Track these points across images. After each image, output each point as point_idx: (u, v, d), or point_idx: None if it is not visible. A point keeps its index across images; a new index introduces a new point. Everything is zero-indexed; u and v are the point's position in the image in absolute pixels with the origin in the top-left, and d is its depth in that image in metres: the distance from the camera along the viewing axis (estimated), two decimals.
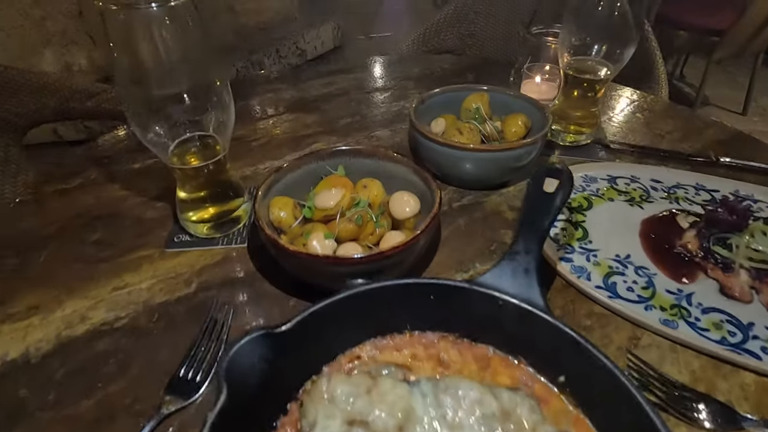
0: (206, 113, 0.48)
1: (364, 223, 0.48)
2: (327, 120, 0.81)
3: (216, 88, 0.47)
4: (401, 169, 0.53)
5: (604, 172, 0.64)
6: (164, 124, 0.46)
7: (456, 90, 0.68)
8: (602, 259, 0.50)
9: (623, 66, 0.66)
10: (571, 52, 0.67)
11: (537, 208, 0.40)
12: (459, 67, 1.02)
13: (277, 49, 3.30)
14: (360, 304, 0.35)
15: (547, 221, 0.39)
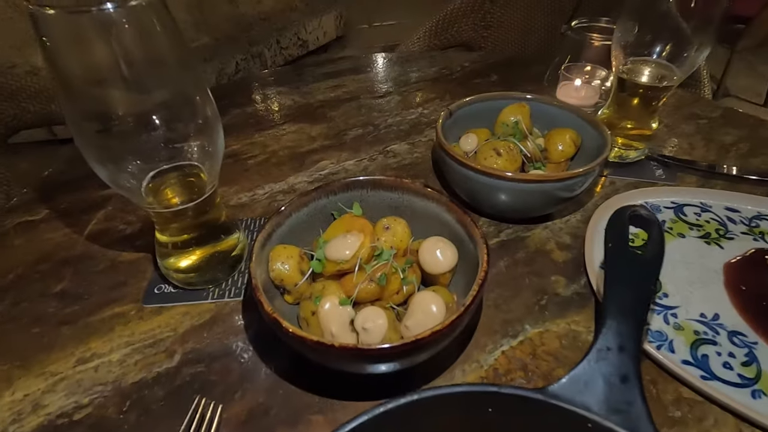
0: (187, 139, 0.38)
1: (387, 281, 0.38)
2: (334, 131, 0.71)
3: (196, 106, 0.37)
4: (432, 207, 0.43)
5: (667, 199, 0.54)
6: (132, 159, 0.36)
7: (490, 99, 0.57)
8: (684, 321, 0.40)
9: (692, 71, 0.55)
10: (627, 51, 0.56)
11: (626, 280, 0.30)
12: (481, 65, 0.91)
13: (277, 40, 3.17)
14: (395, 421, 0.26)
15: (644, 299, 0.29)
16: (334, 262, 0.38)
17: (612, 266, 0.31)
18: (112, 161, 0.35)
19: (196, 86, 0.38)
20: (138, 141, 0.35)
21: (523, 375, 0.37)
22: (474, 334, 0.41)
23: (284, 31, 3.23)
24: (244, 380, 0.37)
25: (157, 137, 0.36)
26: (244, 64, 2.96)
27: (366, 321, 0.35)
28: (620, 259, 0.31)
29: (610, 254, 0.32)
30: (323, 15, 3.41)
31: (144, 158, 0.36)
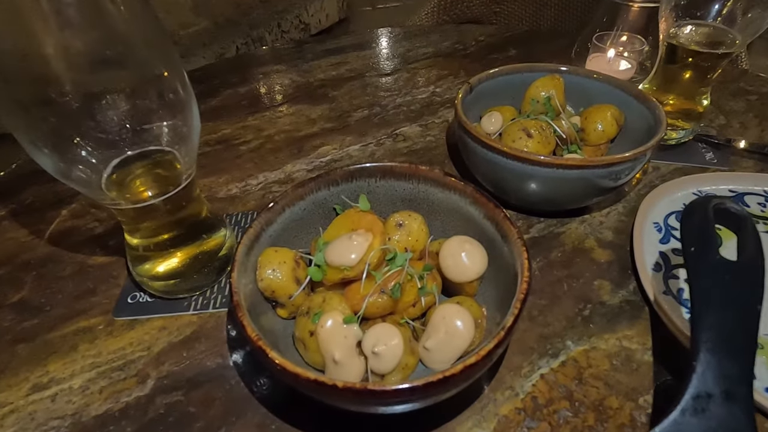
0: (154, 119, 0.31)
1: (402, 291, 0.31)
2: (337, 113, 0.63)
3: (164, 81, 0.30)
4: (454, 199, 0.35)
5: (724, 187, 0.46)
6: (84, 144, 0.29)
7: (516, 71, 0.49)
8: (763, 338, 0.33)
9: (757, 35, 0.46)
10: (678, 12, 0.47)
11: (723, 299, 0.22)
12: (497, 39, 0.82)
13: (278, 23, 3.07)
14: None
15: (752, 326, 0.21)
16: (336, 269, 0.31)
17: (699, 279, 0.24)
18: (57, 147, 0.28)
19: (164, 60, 0.30)
20: (90, 121, 0.28)
21: (568, 406, 0.30)
22: (507, 354, 0.34)
23: (285, 14, 3.12)
24: (229, 413, 0.31)
25: (114, 117, 0.29)
26: (245, 48, 2.86)
27: (377, 343, 0.28)
28: (709, 269, 0.24)
29: (694, 263, 0.25)
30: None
31: (99, 143, 0.29)
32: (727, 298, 0.22)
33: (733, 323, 0.21)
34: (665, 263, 0.39)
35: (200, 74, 0.75)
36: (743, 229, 0.25)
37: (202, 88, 0.70)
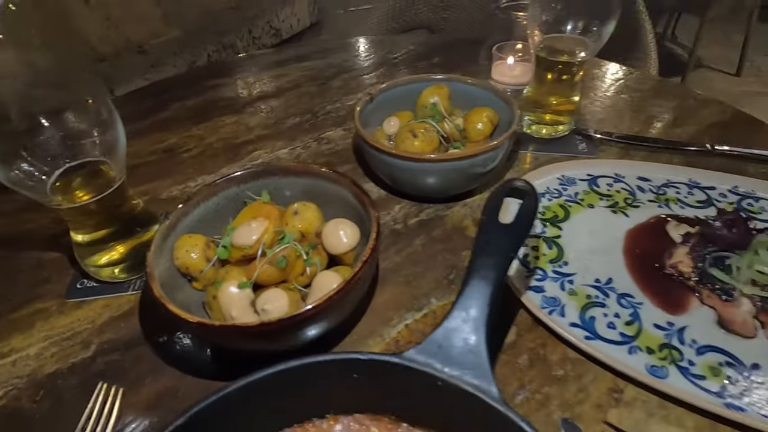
0: (86, 138, 0.39)
1: (290, 264, 0.40)
2: (272, 121, 0.71)
3: (90, 107, 0.38)
4: (338, 189, 0.44)
5: (583, 171, 0.56)
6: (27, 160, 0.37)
7: (410, 82, 0.58)
8: (579, 287, 0.42)
9: (603, 43, 0.56)
10: (542, 29, 0.57)
11: (489, 250, 0.32)
12: (426, 48, 0.91)
13: (249, 30, 3.12)
14: (262, 392, 0.28)
15: (501, 267, 0.31)
16: (239, 248, 0.40)
17: (479, 236, 0.33)
18: (6, 162, 0.36)
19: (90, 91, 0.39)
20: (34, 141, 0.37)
21: None
22: (380, 307, 0.42)
23: (256, 20, 3.17)
24: (155, 366, 0.39)
25: (53, 137, 0.37)
26: (216, 55, 2.92)
27: (266, 302, 0.37)
28: (488, 229, 0.33)
29: (481, 226, 0.34)
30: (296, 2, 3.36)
31: (42, 159, 0.38)
32: (492, 248, 0.31)
33: (490, 265, 0.30)
34: None
35: (153, 89, 0.82)
36: (525, 200, 0.35)
37: (154, 102, 0.78)
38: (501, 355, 0.39)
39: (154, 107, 0.77)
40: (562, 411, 0.35)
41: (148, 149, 0.66)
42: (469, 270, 0.31)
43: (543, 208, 0.51)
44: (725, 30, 3.00)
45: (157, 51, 2.55)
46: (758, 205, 0.50)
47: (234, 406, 0.27)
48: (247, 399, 0.27)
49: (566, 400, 0.35)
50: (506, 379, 0.37)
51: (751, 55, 2.69)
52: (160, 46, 2.60)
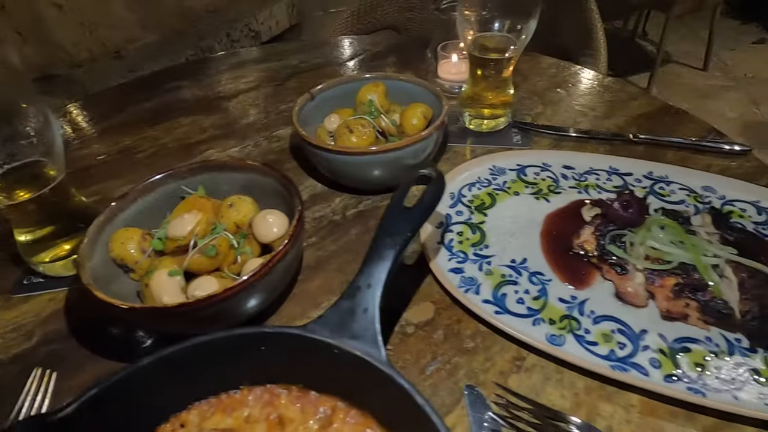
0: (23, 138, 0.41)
1: (222, 253, 0.42)
2: (227, 121, 0.74)
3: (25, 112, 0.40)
4: (270, 182, 0.47)
5: (514, 162, 0.59)
6: None
7: (349, 81, 0.61)
8: (496, 267, 0.46)
9: (528, 39, 0.59)
10: (473, 28, 0.60)
11: (390, 231, 0.35)
12: (382, 48, 0.94)
13: (228, 33, 3.12)
14: (174, 366, 0.30)
15: (397, 247, 0.34)
16: (173, 240, 0.42)
17: (383, 220, 0.36)
18: None
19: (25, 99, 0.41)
20: None
21: None
22: (312, 291, 0.45)
23: (234, 23, 3.17)
24: (94, 353, 0.41)
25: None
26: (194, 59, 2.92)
27: (196, 288, 0.40)
28: (392, 213, 0.36)
29: (387, 210, 0.37)
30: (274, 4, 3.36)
31: None
32: (391, 229, 0.34)
33: (387, 244, 0.33)
34: (447, 221, 0.51)
35: (111, 93, 0.84)
36: (429, 186, 0.38)
37: (112, 106, 0.80)
38: (419, 331, 0.42)
39: (112, 110, 0.78)
40: (468, 378, 0.38)
41: (103, 151, 0.68)
42: (370, 249, 0.34)
43: (472, 196, 0.54)
44: (692, 26, 3.09)
45: (134, 56, 2.54)
46: (669, 188, 0.53)
47: (145, 380, 0.29)
48: (159, 373, 0.30)
49: (473, 368, 0.39)
50: (421, 352, 0.40)
51: (717, 50, 2.78)
52: (137, 51, 2.59)
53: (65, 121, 0.76)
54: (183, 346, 0.30)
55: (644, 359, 0.37)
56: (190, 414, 0.32)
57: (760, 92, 2.54)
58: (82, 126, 0.75)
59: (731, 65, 2.81)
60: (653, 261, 0.41)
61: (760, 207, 0.50)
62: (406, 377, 0.27)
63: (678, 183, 0.54)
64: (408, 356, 0.40)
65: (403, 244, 0.34)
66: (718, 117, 2.38)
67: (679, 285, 0.39)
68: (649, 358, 0.37)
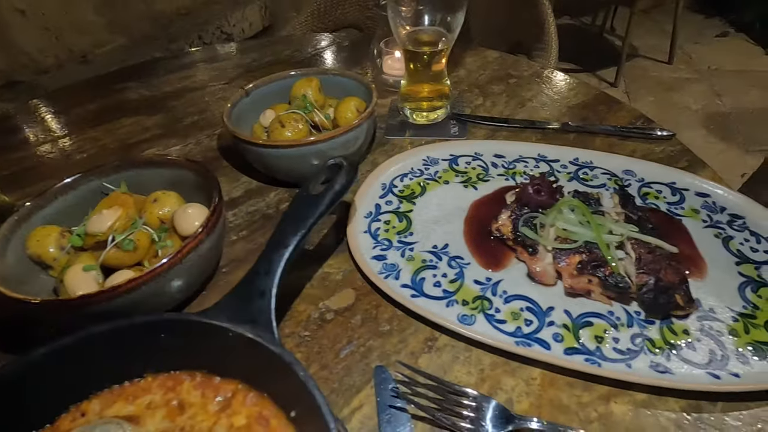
0: None
1: (142, 247, 0.43)
2: (170, 120, 0.74)
3: None
4: (193, 177, 0.47)
5: (447, 152, 0.60)
6: None
7: (284, 77, 0.62)
8: (418, 253, 0.47)
9: (458, 33, 0.61)
10: (405, 24, 0.61)
11: (294, 217, 0.36)
12: (332, 46, 0.95)
13: (199, 35, 3.09)
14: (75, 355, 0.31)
15: (300, 233, 0.34)
16: (92, 235, 0.42)
17: (289, 207, 0.37)
18: None
19: None
20: None
21: None
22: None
23: (206, 25, 3.14)
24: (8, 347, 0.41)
25: None
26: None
27: (113, 282, 0.40)
28: (297, 200, 0.37)
29: (294, 198, 0.38)
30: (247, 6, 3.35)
31: None
32: (295, 216, 0.35)
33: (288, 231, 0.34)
34: (376, 211, 0.52)
35: (57, 95, 0.83)
36: (338, 174, 0.39)
37: (57, 108, 0.79)
38: (338, 317, 0.43)
39: (57, 112, 0.78)
40: (380, 360, 0.39)
41: (43, 152, 0.68)
42: (272, 236, 0.35)
43: (403, 186, 0.55)
44: (658, 21, 3.17)
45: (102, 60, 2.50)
46: (592, 173, 0.55)
47: (38, 371, 0.30)
48: (52, 364, 0.30)
49: (386, 350, 0.40)
50: (337, 337, 0.41)
51: (681, 43, 2.86)
52: (106, 55, 2.55)
53: (9, 124, 0.75)
54: (74, 338, 0.30)
55: (548, 334, 0.39)
56: (90, 403, 0.32)
57: (722, 84, 2.61)
58: (24, 129, 0.75)
59: (695, 58, 2.89)
60: (562, 241, 0.43)
61: (675, 188, 0.52)
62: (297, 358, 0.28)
63: (601, 168, 0.56)
64: (325, 341, 0.41)
65: (305, 231, 0.35)
66: (683, 109, 2.45)
67: (582, 263, 0.41)
68: (552, 333, 0.39)
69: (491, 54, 0.86)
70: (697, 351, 0.37)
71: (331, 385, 0.37)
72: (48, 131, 0.73)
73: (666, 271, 0.39)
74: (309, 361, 0.39)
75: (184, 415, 0.31)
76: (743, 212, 0.48)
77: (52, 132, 0.73)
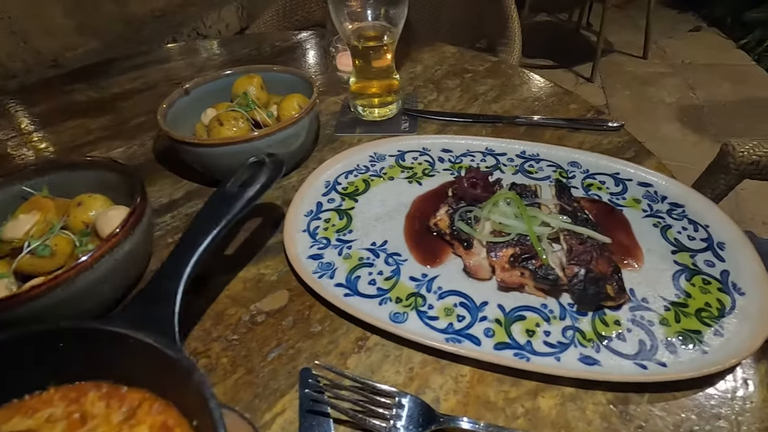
0: None
1: (62, 253, 0.41)
2: (117, 122, 0.72)
3: None
4: (117, 179, 0.45)
5: (395, 148, 0.59)
6: None
7: (224, 76, 0.60)
8: (355, 251, 0.46)
9: (402, 26, 0.60)
10: (349, 19, 0.60)
11: (205, 218, 0.34)
12: (291, 44, 0.94)
13: (174, 38, 3.05)
14: None
15: (212, 233, 0.33)
16: (7, 242, 0.40)
17: (204, 205, 0.35)
18: None
19: None
20: None
21: (197, 319, 0.41)
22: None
23: (181, 27, 3.09)
24: None
25: None
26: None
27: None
28: (213, 198, 0.35)
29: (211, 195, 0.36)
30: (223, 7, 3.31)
31: None
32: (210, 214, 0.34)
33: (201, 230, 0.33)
34: (317, 209, 0.51)
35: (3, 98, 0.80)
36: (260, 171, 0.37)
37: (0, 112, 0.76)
38: (269, 319, 0.41)
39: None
40: (308, 362, 0.38)
41: None
42: (182, 235, 0.33)
43: (347, 183, 0.54)
44: (632, 16, 3.21)
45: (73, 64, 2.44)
46: (538, 165, 0.55)
47: None
48: None
49: (316, 352, 0.38)
50: (266, 339, 0.40)
51: (656, 38, 2.90)
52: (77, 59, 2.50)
53: None
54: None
55: (479, 330, 0.38)
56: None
57: (696, 78, 2.65)
58: None
59: (669, 53, 2.93)
60: (497, 235, 0.42)
61: (619, 178, 0.52)
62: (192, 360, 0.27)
63: (547, 160, 0.55)
64: (254, 344, 0.39)
65: (217, 231, 0.33)
66: (657, 102, 2.48)
67: (514, 256, 0.40)
68: (484, 328, 0.38)
69: (449, 49, 0.86)
70: (627, 342, 0.37)
71: (255, 390, 0.36)
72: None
73: (597, 262, 0.39)
74: (235, 365, 0.38)
75: (85, 427, 0.30)
76: (683, 200, 0.48)
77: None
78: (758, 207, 1.66)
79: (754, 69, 2.61)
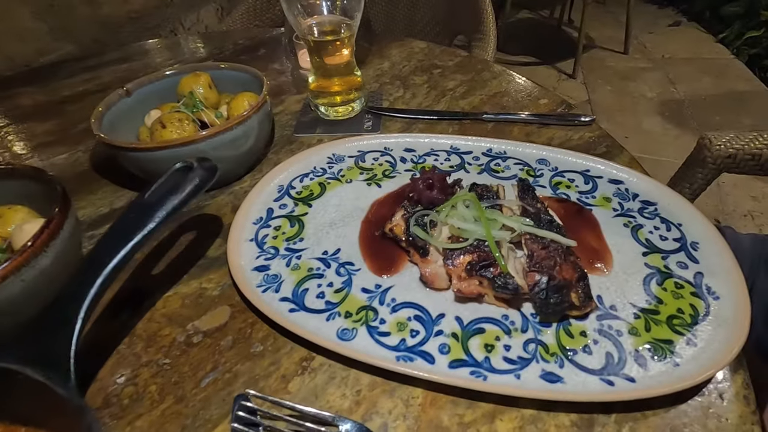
0: None
1: None
2: (64, 126, 0.67)
3: None
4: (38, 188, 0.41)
5: (354, 148, 0.56)
6: None
7: (169, 75, 0.56)
8: (305, 261, 0.42)
9: (359, 19, 0.57)
10: (304, 14, 0.57)
11: (117, 232, 0.30)
12: (254, 42, 0.90)
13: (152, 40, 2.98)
14: None
15: (119, 252, 0.29)
16: None
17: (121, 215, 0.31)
18: None
19: None
20: None
21: (128, 341, 0.38)
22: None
23: (158, 29, 3.03)
24: None
25: None
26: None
27: None
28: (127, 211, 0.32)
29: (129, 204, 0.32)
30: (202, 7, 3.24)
31: None
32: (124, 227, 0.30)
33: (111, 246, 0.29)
34: (267, 216, 0.47)
35: None
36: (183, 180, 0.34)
37: None
38: (206, 339, 0.38)
39: None
40: (246, 387, 0.34)
41: None
42: (89, 253, 0.29)
43: (302, 187, 0.51)
44: (613, 12, 3.22)
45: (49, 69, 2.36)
46: (504, 164, 0.52)
47: None
48: None
49: (255, 375, 0.35)
50: (201, 363, 0.36)
51: (637, 33, 2.91)
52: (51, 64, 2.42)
53: None
54: None
55: (434, 346, 0.35)
56: None
57: (676, 72, 2.66)
58: None
59: (650, 48, 2.94)
60: (454, 240, 0.39)
61: (588, 176, 0.49)
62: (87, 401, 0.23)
63: (514, 158, 0.52)
64: (186, 368, 0.36)
65: (130, 247, 0.30)
66: (639, 97, 2.48)
67: (471, 263, 0.37)
68: (439, 344, 0.35)
69: (418, 45, 0.82)
70: (593, 355, 0.33)
71: (184, 422, 0.32)
72: None
73: (561, 268, 0.35)
74: (163, 394, 0.34)
75: None
76: (655, 198, 0.46)
77: None
78: (738, 200, 1.66)
79: (733, 62, 2.63)
